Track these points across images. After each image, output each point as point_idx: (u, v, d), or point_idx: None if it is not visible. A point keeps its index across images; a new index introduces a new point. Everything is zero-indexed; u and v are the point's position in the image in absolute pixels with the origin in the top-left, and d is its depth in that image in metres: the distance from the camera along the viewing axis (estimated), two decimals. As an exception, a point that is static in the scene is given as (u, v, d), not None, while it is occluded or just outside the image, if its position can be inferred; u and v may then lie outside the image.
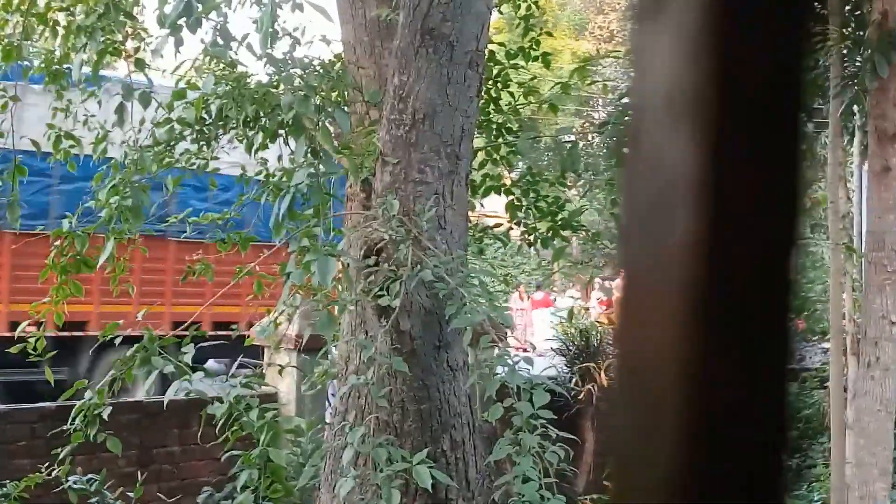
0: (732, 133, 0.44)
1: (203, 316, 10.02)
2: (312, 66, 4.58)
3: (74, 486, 4.98)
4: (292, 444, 5.80)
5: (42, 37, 5.49)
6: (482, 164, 5.95)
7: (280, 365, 6.06)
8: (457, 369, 4.35)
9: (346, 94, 4.77)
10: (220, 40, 4.64)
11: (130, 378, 4.37)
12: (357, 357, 4.31)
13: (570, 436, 4.02)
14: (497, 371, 3.76)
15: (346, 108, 4.67)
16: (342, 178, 4.84)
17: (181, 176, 5.22)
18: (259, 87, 4.51)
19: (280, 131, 4.53)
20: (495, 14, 5.40)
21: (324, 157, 4.28)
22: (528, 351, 14.51)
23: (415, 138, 4.22)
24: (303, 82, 4.33)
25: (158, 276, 10.63)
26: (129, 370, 4.31)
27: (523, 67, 6.22)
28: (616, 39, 29.16)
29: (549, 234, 5.84)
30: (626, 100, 0.48)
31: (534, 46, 6.23)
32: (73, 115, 5.32)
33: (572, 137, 6.28)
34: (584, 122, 22.74)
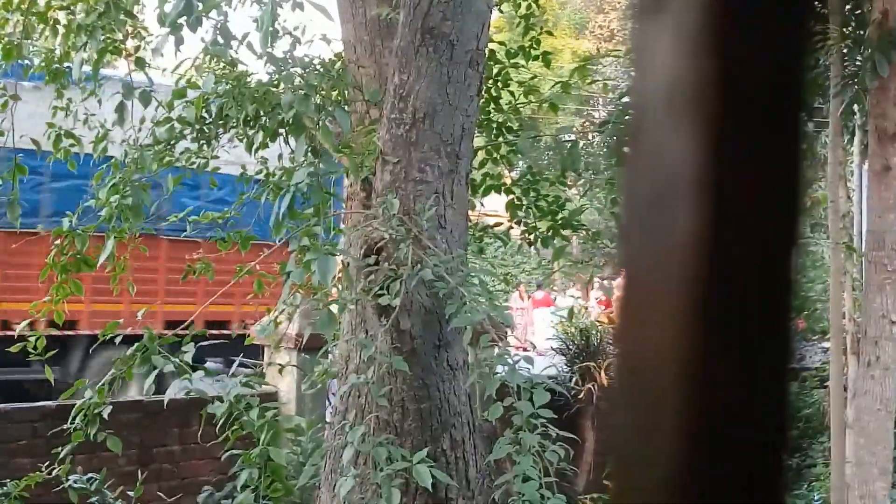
0: (733, 132, 0.44)
1: (196, 315, 10.00)
2: (313, 65, 4.58)
3: (75, 485, 4.98)
4: (292, 444, 5.80)
5: (42, 36, 5.49)
6: (482, 164, 5.95)
7: (280, 364, 6.06)
8: (457, 368, 4.35)
9: (346, 93, 4.77)
10: (221, 39, 4.64)
11: (131, 377, 4.38)
12: (357, 356, 4.31)
13: (571, 435, 4.02)
14: (497, 370, 3.76)
15: (346, 107, 4.67)
16: (339, 176, 4.83)
17: (181, 175, 5.22)
18: (259, 86, 4.51)
19: (280, 130, 4.53)
20: (495, 13, 5.40)
21: (324, 156, 4.28)
22: (528, 350, 14.53)
23: (415, 137, 4.22)
24: (303, 81, 4.33)
25: (150, 274, 10.60)
26: (129, 369, 4.31)
27: (524, 66, 6.21)
28: (616, 38, 29.17)
29: (550, 233, 5.84)
30: (626, 99, 0.48)
31: (534, 45, 6.22)
32: (74, 114, 5.32)
33: (572, 137, 6.28)
34: (584, 122, 22.74)
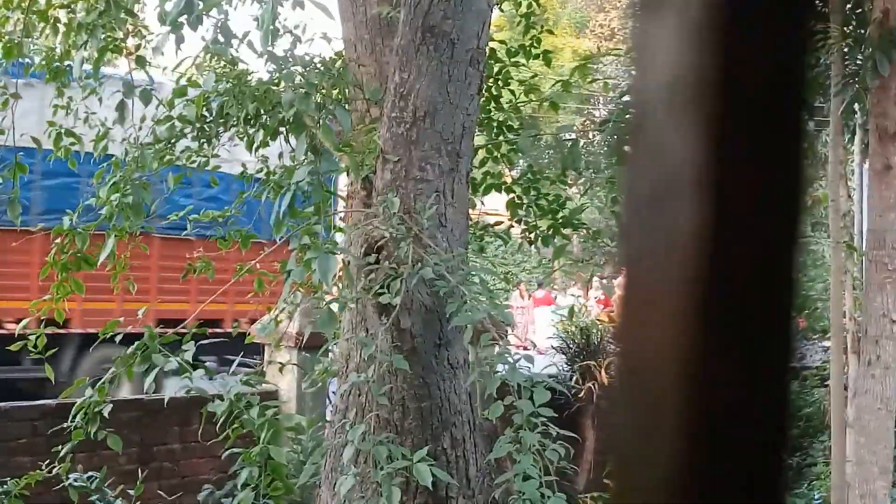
0: (733, 131, 0.44)
1: (188, 313, 9.94)
2: (313, 64, 4.57)
3: (75, 483, 4.98)
4: (293, 442, 5.80)
5: (43, 34, 5.48)
6: (483, 162, 5.95)
7: (281, 362, 6.06)
8: (457, 367, 4.35)
9: (346, 91, 4.77)
10: (221, 38, 4.64)
11: (131, 376, 4.38)
12: (357, 355, 4.31)
13: (571, 434, 4.02)
14: (498, 369, 3.76)
15: (346, 105, 4.67)
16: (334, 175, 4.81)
17: (182, 174, 5.22)
18: (260, 84, 4.51)
19: (281, 129, 4.53)
20: (496, 12, 5.40)
21: (324, 154, 4.28)
22: (528, 349, 14.55)
23: (415, 136, 4.22)
24: (304, 80, 4.33)
25: (143, 272, 10.52)
26: (129, 367, 4.31)
27: (524, 65, 6.21)
28: (617, 37, 29.17)
29: (550, 232, 5.84)
30: (626, 98, 0.47)
31: (535, 44, 6.22)
32: (74, 113, 5.32)
33: (573, 135, 6.29)
34: (584, 120, 22.75)
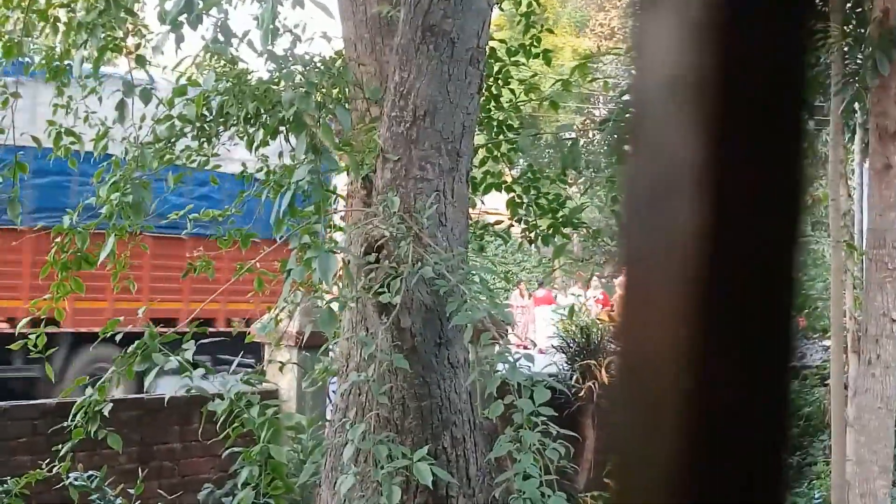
0: (733, 131, 0.44)
1: (180, 312, 9.93)
2: (313, 63, 4.57)
3: (75, 482, 4.99)
4: (293, 441, 5.80)
5: (43, 33, 5.48)
6: (483, 162, 5.95)
7: (281, 362, 6.06)
8: (457, 366, 4.35)
9: (346, 90, 4.77)
10: (221, 37, 4.64)
11: (131, 375, 4.38)
12: (358, 354, 4.31)
13: (571, 433, 4.02)
14: (498, 368, 3.76)
15: (346, 105, 4.67)
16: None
17: (181, 174, 5.22)
18: (260, 83, 4.50)
19: (281, 128, 4.53)
20: (496, 11, 5.40)
21: (324, 153, 4.28)
22: (528, 348, 14.55)
23: (415, 135, 4.22)
24: (304, 79, 4.32)
25: (135, 272, 10.45)
26: (129, 367, 4.31)
27: (524, 64, 6.21)
28: (617, 37, 29.15)
29: (550, 231, 5.84)
30: (626, 97, 0.47)
31: (535, 43, 6.22)
32: (74, 112, 5.31)
33: (573, 134, 6.29)
34: (584, 120, 22.74)
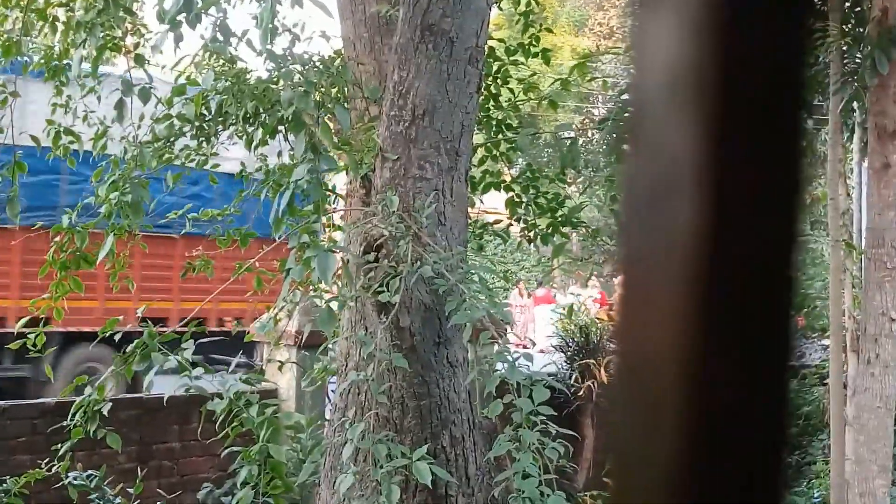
0: (732, 131, 0.44)
1: (171, 312, 9.92)
2: (312, 63, 4.57)
3: (74, 482, 4.99)
4: (292, 441, 5.80)
5: (42, 33, 5.48)
6: (482, 161, 5.95)
7: (280, 361, 6.06)
8: (456, 366, 4.35)
9: (345, 90, 4.77)
10: (220, 36, 4.63)
11: (130, 374, 4.37)
12: (357, 353, 4.31)
13: (570, 432, 4.02)
14: (497, 367, 3.76)
15: (345, 104, 4.67)
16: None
17: (181, 173, 5.22)
18: (259, 83, 4.50)
19: (280, 127, 4.53)
20: (495, 10, 5.40)
21: (323, 153, 4.28)
22: (527, 347, 14.54)
23: (414, 134, 4.22)
24: (302, 78, 4.32)
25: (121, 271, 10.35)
26: (129, 366, 4.31)
27: (523, 64, 6.21)
28: (616, 36, 29.16)
29: (549, 230, 5.84)
30: (625, 96, 0.47)
31: (533, 43, 6.22)
32: (73, 111, 5.31)
33: (572, 134, 6.28)
34: (583, 119, 22.74)
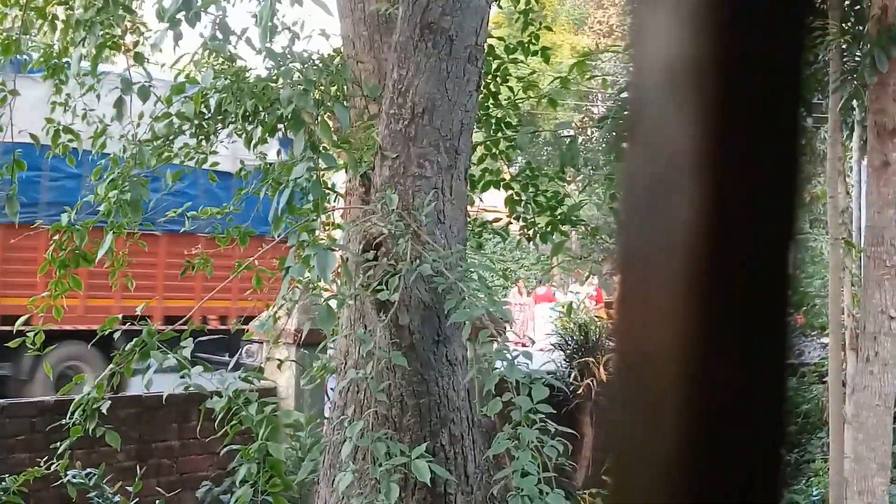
0: (731, 129, 0.44)
1: (154, 310, 9.92)
2: (312, 61, 4.57)
3: (73, 480, 4.99)
4: (291, 439, 5.81)
5: (41, 31, 5.47)
6: (481, 159, 5.95)
7: (279, 359, 6.06)
8: (456, 364, 4.35)
9: (345, 88, 4.77)
10: (219, 34, 4.63)
11: (129, 372, 4.37)
12: (356, 351, 4.31)
13: (569, 430, 4.02)
14: (496, 365, 3.76)
15: (345, 102, 4.67)
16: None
17: (180, 171, 5.21)
18: (258, 81, 4.50)
19: (279, 125, 4.52)
20: (494, 9, 5.39)
21: (323, 151, 4.27)
22: (526, 346, 14.54)
23: (414, 133, 4.22)
24: (302, 77, 4.32)
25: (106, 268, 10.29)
26: (128, 364, 4.31)
27: (522, 62, 6.21)
28: (615, 34, 29.14)
29: (549, 228, 5.84)
30: (625, 94, 0.47)
31: (533, 41, 6.21)
32: (73, 110, 5.31)
33: (571, 132, 6.27)
34: (583, 117, 22.73)
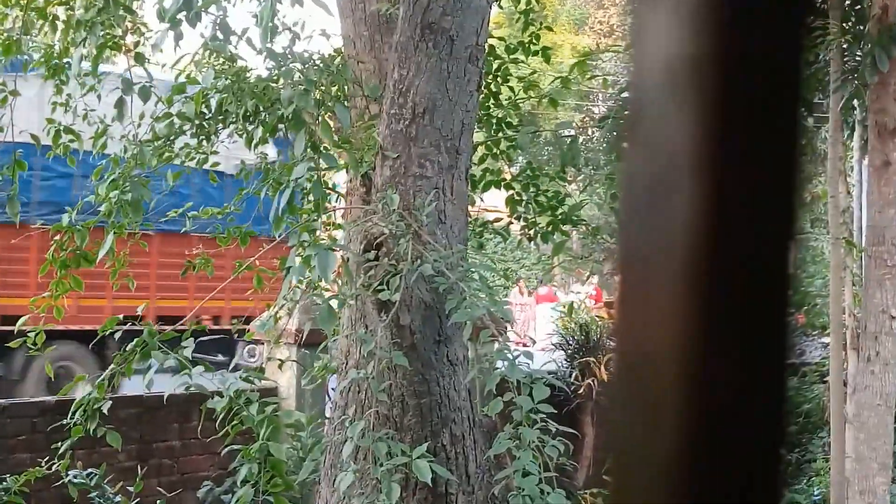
0: (731, 128, 0.44)
1: (148, 309, 9.92)
2: (312, 61, 4.57)
3: (74, 480, 4.99)
4: (292, 439, 5.81)
5: (41, 31, 5.47)
6: (482, 159, 5.95)
7: (280, 359, 6.06)
8: (457, 364, 4.35)
9: (346, 88, 4.77)
10: (220, 34, 4.63)
11: (130, 372, 4.37)
12: (357, 351, 4.31)
13: (570, 430, 4.02)
14: (497, 365, 3.76)
15: (346, 102, 4.67)
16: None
17: (180, 171, 5.21)
18: (259, 81, 4.50)
19: (280, 126, 4.52)
20: (495, 9, 5.39)
21: (324, 151, 4.28)
22: (527, 345, 14.55)
23: (415, 133, 4.22)
24: (303, 77, 4.32)
25: (99, 268, 10.26)
26: (129, 364, 4.31)
27: (523, 62, 6.21)
28: (616, 34, 29.14)
29: (549, 228, 5.84)
30: (625, 94, 0.47)
31: (534, 41, 6.21)
32: (73, 110, 5.31)
33: (572, 132, 6.27)
34: (584, 117, 22.72)
